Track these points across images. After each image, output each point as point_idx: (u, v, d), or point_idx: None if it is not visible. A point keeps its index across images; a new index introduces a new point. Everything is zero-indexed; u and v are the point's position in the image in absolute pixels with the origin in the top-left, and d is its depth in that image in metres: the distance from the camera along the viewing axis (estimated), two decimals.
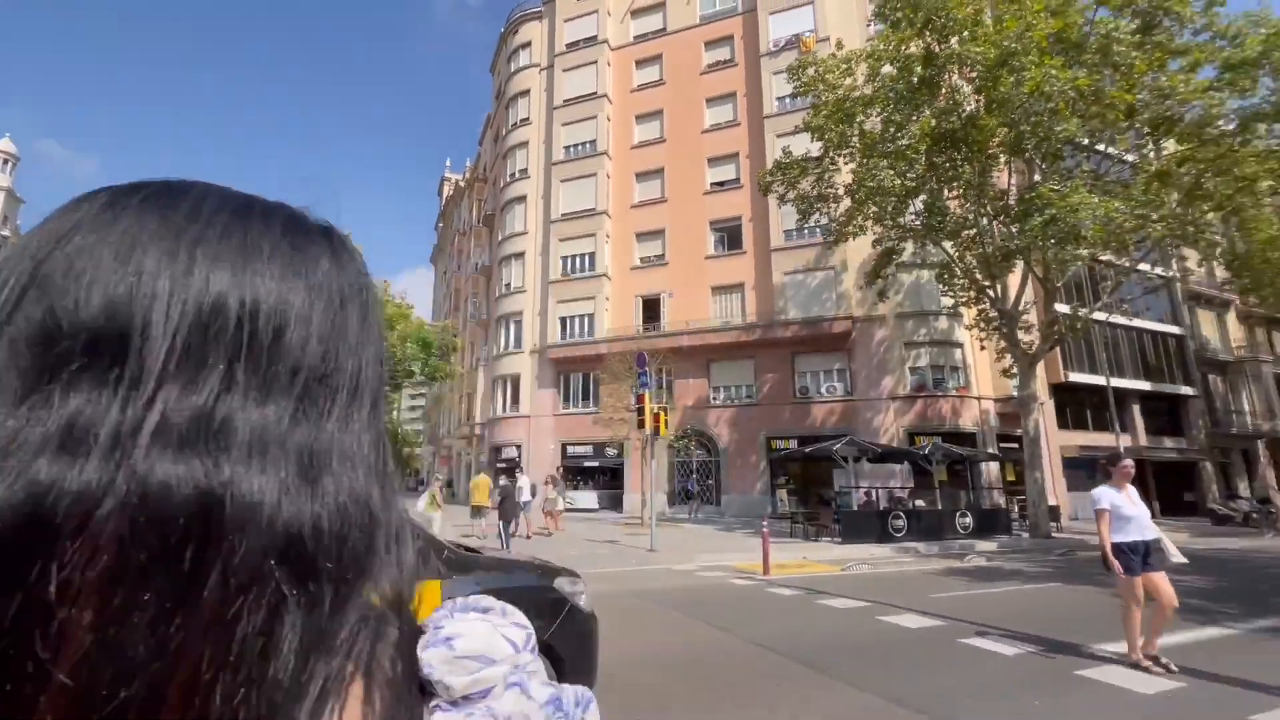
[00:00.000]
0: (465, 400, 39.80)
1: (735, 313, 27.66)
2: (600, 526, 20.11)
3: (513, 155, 34.69)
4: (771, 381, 26.37)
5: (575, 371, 29.93)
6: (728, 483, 26.26)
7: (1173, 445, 29.65)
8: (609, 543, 15.10)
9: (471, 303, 40.78)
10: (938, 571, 11.35)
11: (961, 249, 16.95)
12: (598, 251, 30.18)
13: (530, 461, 29.89)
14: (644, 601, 8.14)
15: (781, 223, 26.77)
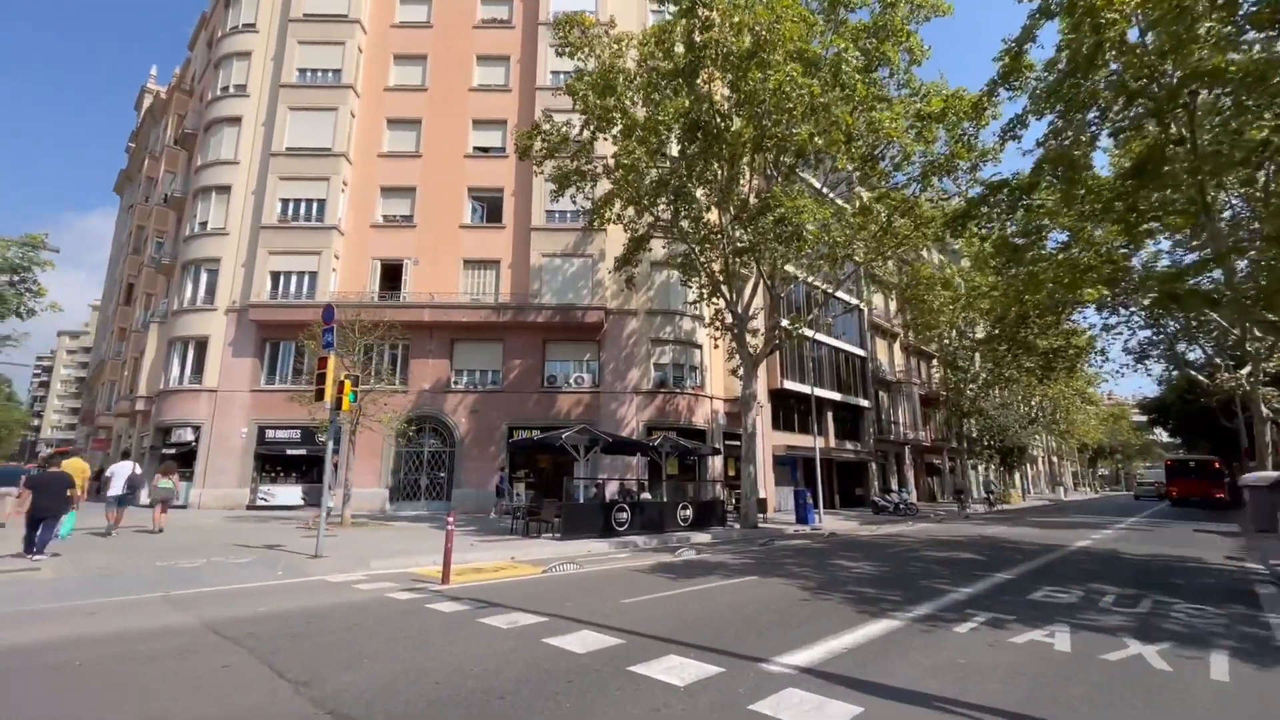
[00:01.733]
0: (131, 366, 30.80)
1: (488, 290, 25.41)
2: (276, 527, 16.18)
3: (228, 65, 27.71)
4: (519, 368, 24.71)
5: (285, 339, 24.64)
6: (463, 475, 23.85)
7: (852, 447, 35.30)
8: (266, 548, 11.74)
9: (154, 243, 31.83)
10: (646, 568, 10.64)
11: (704, 243, 17.20)
12: (330, 199, 25.39)
13: (212, 447, 23.82)
14: (215, 637, 5.61)
15: (545, 201, 25.33)
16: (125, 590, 7.86)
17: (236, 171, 26.25)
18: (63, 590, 7.72)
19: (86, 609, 6.85)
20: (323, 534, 10.65)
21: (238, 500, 23.36)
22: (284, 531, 14.90)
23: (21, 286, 11.12)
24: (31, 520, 10.02)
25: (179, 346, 25.18)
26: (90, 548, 11.66)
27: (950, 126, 16.48)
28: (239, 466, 23.78)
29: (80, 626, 6.03)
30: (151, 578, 8.60)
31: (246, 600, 7.42)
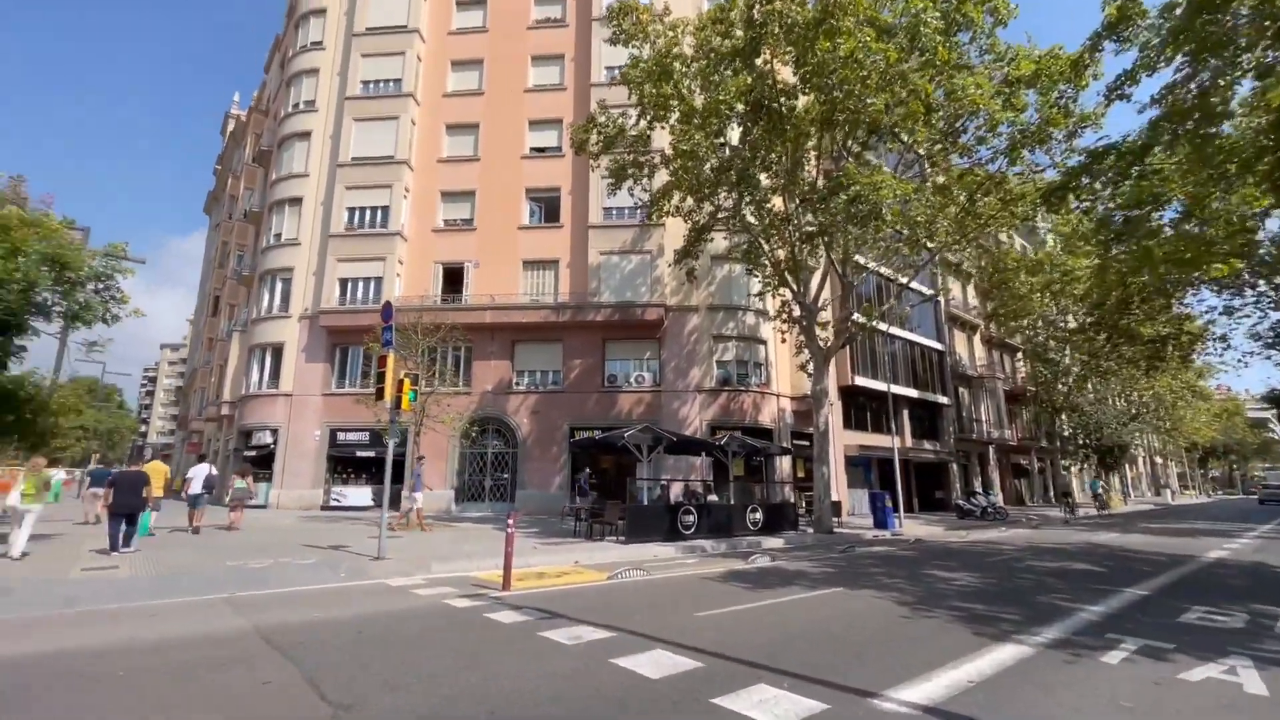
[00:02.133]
0: (217, 374, 32.53)
1: (547, 290, 25.22)
2: (345, 527, 16.34)
3: (298, 83, 28.81)
4: (579, 368, 24.36)
5: (354, 344, 25.20)
6: (526, 476, 23.70)
7: (930, 447, 33.13)
8: (332, 548, 11.68)
9: (236, 256, 33.56)
10: (718, 576, 9.84)
11: (768, 231, 16.23)
12: (393, 206, 25.88)
13: (288, 449, 24.66)
14: (264, 646, 5.25)
15: (602, 198, 24.90)
16: (191, 590, 7.77)
17: (306, 184, 27.20)
18: (133, 589, 7.70)
19: (149, 610, 6.73)
20: (384, 535, 10.42)
21: (312, 501, 24.07)
22: (352, 532, 14.97)
23: (106, 294, 11.39)
24: (113, 516, 10.72)
25: (257, 353, 26.28)
26: (171, 545, 11.97)
27: (1044, 90, 14.87)
28: (313, 468, 24.50)
29: (136, 630, 5.83)
30: (219, 578, 8.53)
31: (304, 604, 7.14)
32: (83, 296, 11.33)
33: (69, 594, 7.36)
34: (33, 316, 11.25)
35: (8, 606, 6.77)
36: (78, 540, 13.02)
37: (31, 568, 9.09)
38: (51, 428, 12.82)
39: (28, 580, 8.08)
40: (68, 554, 10.66)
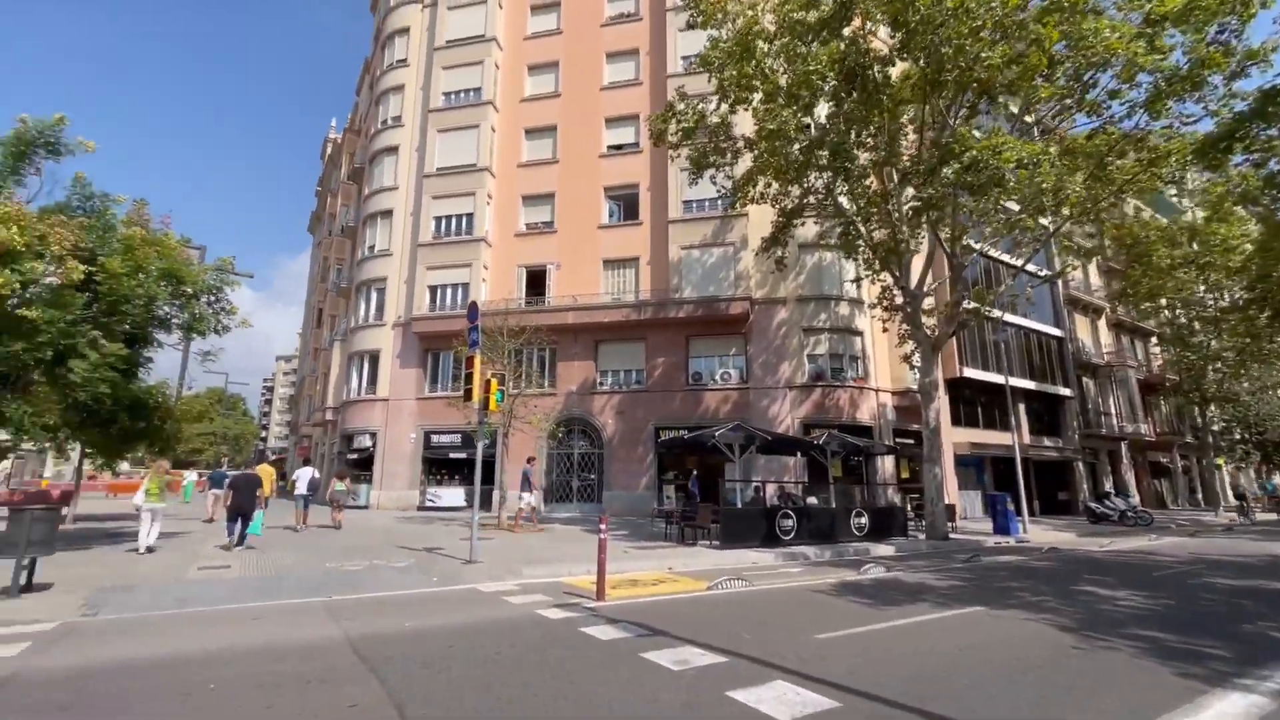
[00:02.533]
0: (321, 382, 34.58)
1: (628, 289, 24.84)
2: (440, 528, 16.53)
3: (386, 100, 30.11)
4: (663, 366, 23.78)
5: (444, 349, 25.91)
6: (612, 477, 23.39)
7: (1051, 444, 29.97)
8: (426, 551, 11.66)
9: (335, 270, 35.59)
10: (829, 588, 8.88)
11: (867, 209, 14.91)
12: (477, 213, 26.40)
13: (386, 452, 25.66)
14: (354, 659, 4.92)
15: (681, 192, 24.26)
16: (292, 592, 7.77)
17: (396, 196, 28.31)
18: (240, 590, 7.79)
19: (252, 613, 6.70)
20: (475, 538, 10.21)
21: (409, 502, 24.90)
22: (445, 534, 15.08)
23: (216, 306, 11.92)
24: (230, 516, 11.67)
25: (356, 361, 27.58)
26: (279, 545, 12.40)
27: (1197, 26, 12.72)
28: (409, 470, 25.35)
29: (236, 635, 5.73)
30: (317, 580, 8.55)
31: (396, 611, 6.90)
32: (196, 309, 11.94)
33: (183, 594, 7.52)
34: (155, 329, 12.00)
35: (129, 605, 6.96)
36: (201, 538, 13.84)
37: (157, 565, 9.54)
38: (176, 433, 13.70)
39: (149, 579, 8.40)
40: (190, 551, 11.23)
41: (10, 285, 8.60)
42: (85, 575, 8.54)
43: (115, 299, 10.51)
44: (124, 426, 12.23)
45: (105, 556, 10.53)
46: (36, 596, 7.11)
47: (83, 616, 6.50)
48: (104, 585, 7.85)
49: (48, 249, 9.23)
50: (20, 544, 6.90)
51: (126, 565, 9.57)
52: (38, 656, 5.00)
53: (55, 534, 7.34)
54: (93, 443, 12.92)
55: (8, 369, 9.19)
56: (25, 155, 10.57)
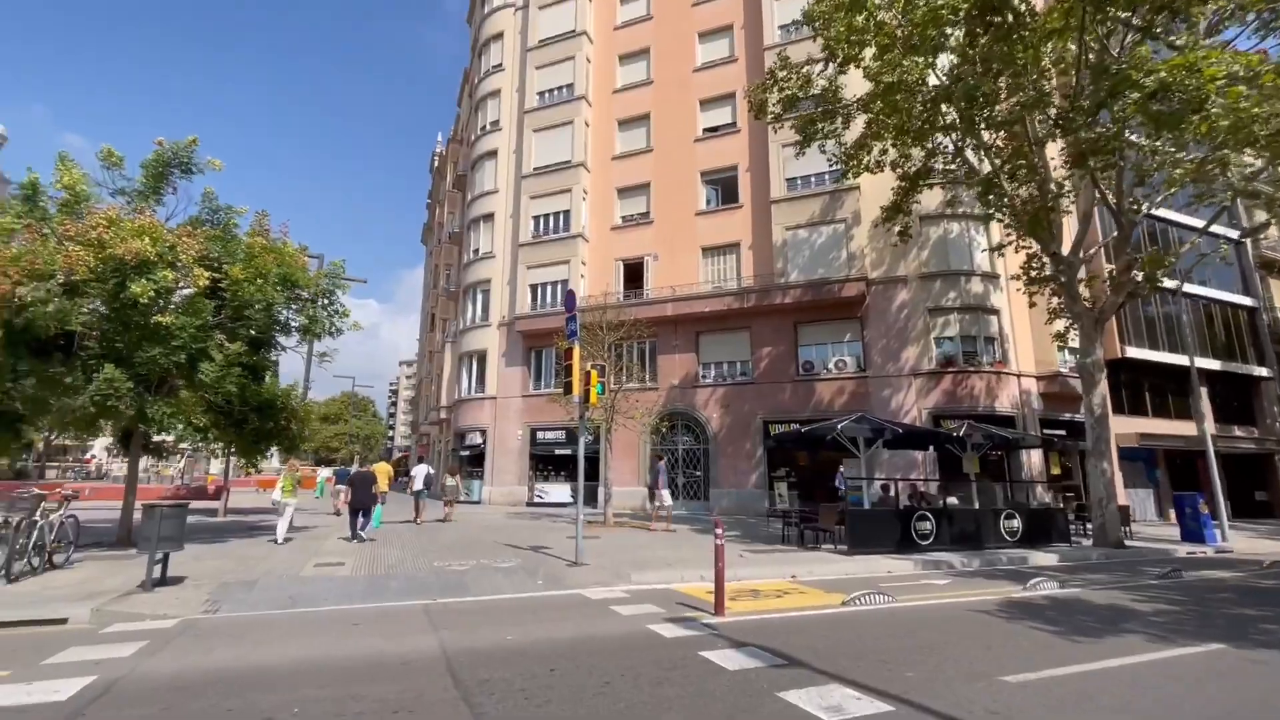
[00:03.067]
0: (435, 383, 36.27)
1: (729, 276, 23.68)
2: (546, 525, 16.31)
3: (484, 106, 30.86)
4: (770, 356, 22.39)
5: (546, 347, 26.10)
6: (718, 474, 22.36)
7: (1244, 434, 25.23)
8: (532, 549, 11.29)
9: (445, 275, 37.17)
10: (995, 607, 7.40)
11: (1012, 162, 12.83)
12: (573, 209, 26.31)
13: (495, 449, 26.22)
14: (448, 683, 4.34)
15: (783, 169, 22.73)
16: (397, 594, 7.53)
17: (496, 200, 28.90)
18: (348, 590, 7.66)
19: (354, 616, 6.45)
20: (580, 539, 9.64)
21: (518, 497, 25.27)
22: (552, 532, 14.78)
23: (330, 309, 12.21)
24: (352, 511, 12.52)
25: (465, 361, 28.47)
26: (395, 539, 12.60)
27: None
28: (517, 466, 25.74)
29: (332, 644, 5.41)
30: (423, 580, 8.31)
31: (499, 619, 6.38)
32: (312, 311, 12.34)
33: (295, 592, 7.48)
34: (276, 333, 12.54)
35: (246, 602, 6.97)
36: (327, 531, 14.46)
37: (280, 561, 9.80)
38: (301, 433, 14.41)
39: (270, 574, 8.53)
40: (313, 547, 11.59)
41: (146, 293, 9.08)
42: (218, 569, 8.85)
43: (239, 304, 10.98)
44: (254, 427, 12.89)
45: (241, 550, 11.06)
46: (169, 590, 7.30)
47: (203, 613, 6.53)
48: (229, 580, 8.02)
49: (178, 258, 9.71)
50: (152, 539, 7.08)
51: (256, 559, 9.91)
52: (146, 660, 4.88)
53: (184, 530, 7.54)
54: (230, 442, 13.80)
55: (148, 372, 9.77)
56: (163, 176, 11.32)
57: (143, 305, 9.36)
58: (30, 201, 10.04)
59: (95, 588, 7.35)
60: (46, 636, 5.66)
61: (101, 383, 9.19)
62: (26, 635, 5.73)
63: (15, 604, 6.51)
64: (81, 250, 9.13)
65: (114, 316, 9.67)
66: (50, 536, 8.43)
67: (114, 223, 9.30)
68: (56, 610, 6.33)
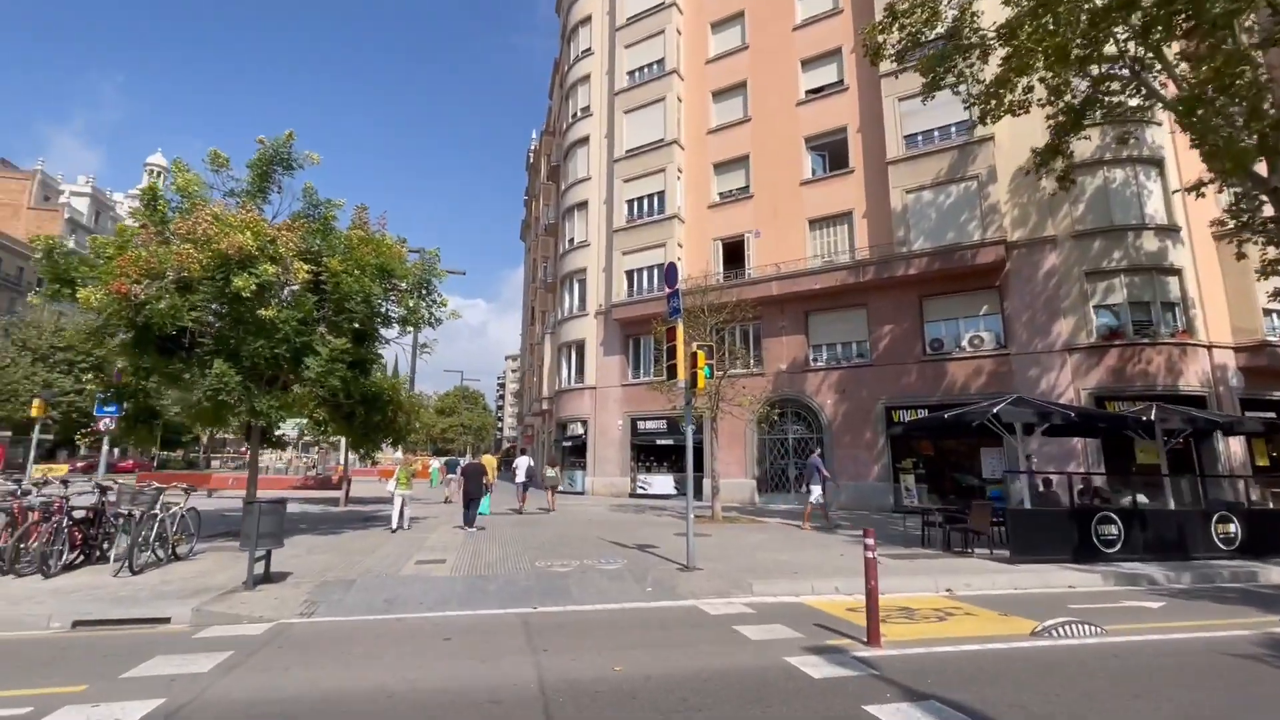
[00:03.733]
0: (537, 374, 36.68)
1: (841, 249, 21.62)
2: (651, 518, 15.42)
3: (574, 94, 30.44)
4: (891, 335, 20.18)
5: (644, 334, 25.25)
6: (834, 465, 20.49)
7: None
8: (639, 549, 10.39)
9: (543, 267, 37.42)
10: (1251, 645, 5.53)
11: (1221, 80, 10.16)
12: (668, 190, 25.22)
13: (596, 439, 25.83)
14: None
15: (900, 126, 20.33)
16: (494, 600, 6.86)
17: (589, 187, 28.40)
18: (445, 594, 7.10)
19: (448, 627, 5.79)
20: (692, 540, 8.57)
21: (621, 488, 24.73)
22: (658, 527, 13.88)
23: (429, 300, 11.93)
24: (465, 501, 13.11)
25: (564, 352, 28.32)
26: (500, 531, 12.25)
27: None
28: (619, 456, 25.19)
29: (420, 666, 4.72)
30: (522, 584, 7.61)
31: (604, 641, 5.46)
32: (410, 302, 12.14)
33: (392, 595, 7.00)
34: (378, 324, 12.47)
35: (342, 605, 6.55)
36: (436, 521, 14.49)
37: (384, 557, 9.56)
38: (408, 425, 14.45)
39: (368, 574, 8.20)
40: (420, 537, 11.41)
41: (248, 287, 9.05)
42: (324, 565, 8.67)
43: (339, 297, 10.89)
44: (363, 419, 12.98)
45: (352, 541, 11.04)
46: (270, 590, 7.06)
47: (298, 617, 6.15)
48: (330, 578, 7.72)
49: (278, 252, 9.65)
50: (250, 538, 6.84)
51: (363, 553, 9.75)
52: (221, 679, 4.39)
53: (283, 525, 7.30)
54: (343, 434, 14.05)
55: (254, 366, 9.83)
56: (268, 174, 11.46)
57: (247, 299, 9.36)
58: (150, 206, 10.40)
59: (206, 583, 7.26)
60: (143, 639, 5.42)
61: (213, 377, 9.30)
62: (126, 637, 5.53)
63: (131, 599, 6.45)
64: (191, 248, 9.25)
65: (222, 312, 9.79)
66: (173, 529, 8.58)
67: (218, 219, 9.35)
68: (161, 609, 6.17)
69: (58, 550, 7.52)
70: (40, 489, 8.29)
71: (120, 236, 10.20)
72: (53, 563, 7.50)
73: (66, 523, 7.64)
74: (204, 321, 9.88)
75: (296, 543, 10.72)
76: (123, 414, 10.76)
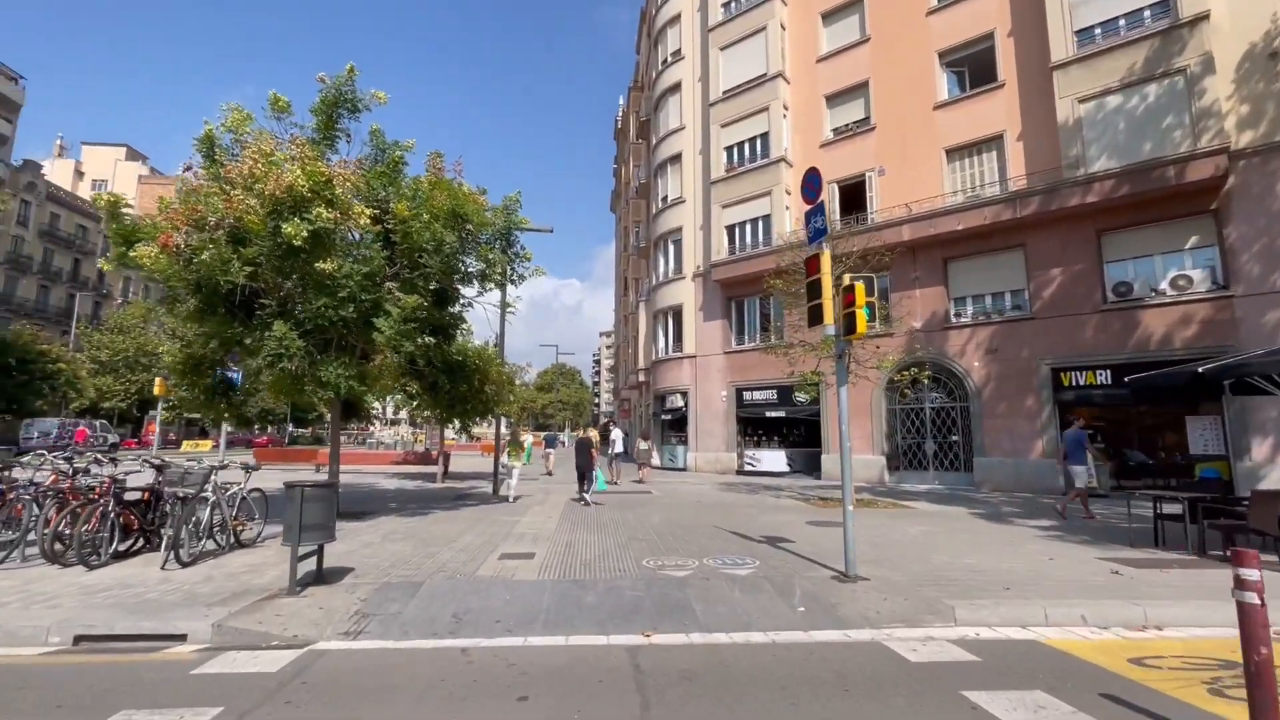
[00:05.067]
0: (632, 345, 35.14)
1: (989, 180, 18.00)
2: (768, 501, 13.20)
3: (664, 38, 27.96)
4: (1059, 281, 16.51)
5: (748, 296, 22.88)
6: (985, 439, 17.28)
7: None
8: (767, 543, 8.29)
9: (634, 232, 35.59)
10: None
11: None
12: (772, 131, 22.37)
13: (698, 411, 23.85)
14: None
15: (1070, 19, 16.31)
16: (591, 619, 5.09)
17: (683, 138, 26.01)
18: (527, 609, 5.39)
19: (524, 671, 4.04)
20: (851, 539, 6.34)
21: (726, 464, 22.65)
22: (780, 511, 11.70)
23: (510, 253, 10.30)
24: (579, 475, 13.42)
25: (660, 319, 26.40)
26: (595, 513, 10.55)
27: None
28: (723, 429, 23.08)
29: None
30: (629, 594, 5.78)
31: (752, 701, 3.46)
32: (491, 254, 10.57)
33: (462, 607, 5.39)
34: (458, 281, 11.03)
35: (393, 623, 5.02)
36: (532, 501, 13.26)
37: (464, 545, 8.13)
38: (496, 396, 13.13)
39: (441, 572, 6.71)
40: (511, 520, 9.99)
41: (299, 234, 7.74)
42: (394, 557, 7.32)
43: (410, 249, 9.49)
44: (447, 390, 11.72)
45: (435, 526, 9.79)
46: (319, 593, 5.69)
47: (340, 638, 4.67)
48: (394, 578, 6.28)
49: (334, 194, 8.29)
50: (293, 530, 5.45)
51: (444, 541, 8.39)
52: None
53: (334, 515, 5.89)
54: (429, 407, 12.94)
55: (315, 326, 8.62)
56: (333, 119, 10.19)
57: (302, 251, 8.09)
58: (208, 156, 9.40)
59: (251, 581, 6.02)
60: (131, 674, 4.08)
61: (272, 341, 8.14)
62: (116, 668, 4.22)
63: (156, 604, 5.26)
64: (242, 195, 8.07)
65: (285, 269, 8.62)
66: (232, 512, 7.53)
67: (266, 155, 8.09)
68: (180, 622, 4.87)
69: (104, 538, 6.58)
70: (92, 468, 7.47)
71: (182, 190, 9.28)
72: (103, 551, 6.59)
73: (114, 507, 6.68)
74: (266, 279, 8.77)
75: (377, 525, 9.60)
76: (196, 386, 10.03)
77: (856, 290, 6.19)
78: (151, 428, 47.98)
